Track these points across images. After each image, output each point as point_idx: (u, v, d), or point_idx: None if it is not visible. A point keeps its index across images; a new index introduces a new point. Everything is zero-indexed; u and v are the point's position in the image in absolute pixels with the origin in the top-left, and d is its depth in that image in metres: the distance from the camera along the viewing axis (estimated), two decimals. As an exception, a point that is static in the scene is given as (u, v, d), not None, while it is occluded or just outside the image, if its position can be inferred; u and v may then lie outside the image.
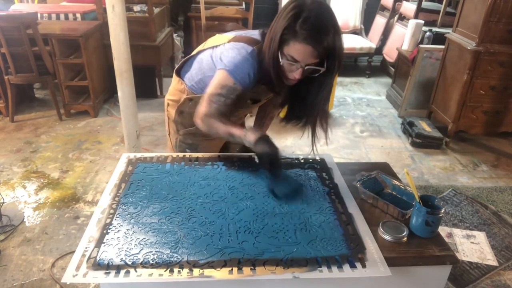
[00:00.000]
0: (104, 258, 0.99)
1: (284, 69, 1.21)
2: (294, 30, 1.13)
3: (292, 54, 1.16)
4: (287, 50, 1.17)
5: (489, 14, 2.85)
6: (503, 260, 2.08)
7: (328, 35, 1.13)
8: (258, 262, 0.99)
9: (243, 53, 1.23)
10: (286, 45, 1.16)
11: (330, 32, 1.13)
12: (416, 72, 3.67)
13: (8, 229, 2.18)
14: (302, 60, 1.17)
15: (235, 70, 1.22)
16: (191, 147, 1.57)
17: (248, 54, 1.23)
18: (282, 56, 1.18)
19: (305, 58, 1.16)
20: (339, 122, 3.71)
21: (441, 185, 2.77)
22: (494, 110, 3.16)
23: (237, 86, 1.24)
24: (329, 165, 1.47)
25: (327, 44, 1.14)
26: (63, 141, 3.18)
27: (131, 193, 1.25)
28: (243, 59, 1.22)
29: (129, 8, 3.94)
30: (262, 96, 1.39)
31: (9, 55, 3.10)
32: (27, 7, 4.16)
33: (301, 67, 1.18)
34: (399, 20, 4.63)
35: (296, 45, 1.14)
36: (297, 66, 1.18)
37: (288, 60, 1.18)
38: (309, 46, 1.13)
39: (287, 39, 1.15)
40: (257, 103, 1.43)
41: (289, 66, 1.19)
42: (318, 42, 1.13)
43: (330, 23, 1.14)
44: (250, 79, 1.25)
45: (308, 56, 1.16)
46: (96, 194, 2.53)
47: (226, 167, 1.41)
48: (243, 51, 1.23)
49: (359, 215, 1.19)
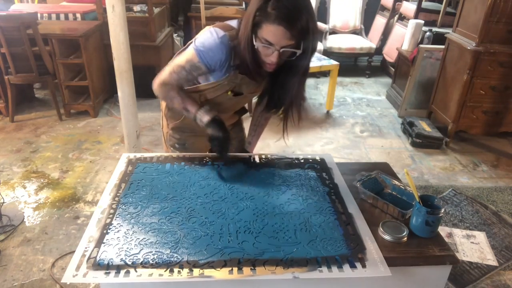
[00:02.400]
0: (104, 258, 0.99)
1: (260, 53, 1.20)
2: (266, 11, 1.11)
3: (265, 36, 1.14)
4: (260, 33, 1.15)
5: (489, 14, 2.85)
6: (503, 260, 2.08)
7: (301, 15, 1.11)
8: (258, 262, 0.99)
9: (214, 37, 1.23)
10: (260, 28, 1.14)
11: (303, 13, 1.11)
12: (416, 72, 3.67)
13: (8, 229, 2.18)
14: (277, 42, 1.15)
15: (202, 50, 1.24)
16: (179, 142, 1.58)
17: (218, 38, 1.23)
18: (256, 39, 1.17)
19: (279, 40, 1.14)
20: (339, 122, 3.71)
21: (441, 185, 2.77)
22: (494, 110, 3.16)
23: (201, 65, 1.25)
24: (329, 165, 1.47)
25: (300, 25, 1.12)
26: (63, 141, 3.18)
27: (131, 193, 1.25)
28: (213, 42, 1.23)
29: (129, 8, 3.94)
30: (244, 88, 1.38)
31: (9, 55, 3.10)
32: (27, 7, 4.16)
33: (276, 50, 1.16)
34: (399, 20, 4.63)
35: (268, 26, 1.13)
36: (272, 50, 1.16)
37: (263, 43, 1.16)
38: (281, 27, 1.11)
39: (259, 21, 1.14)
40: (239, 96, 1.42)
41: (264, 50, 1.17)
42: (290, 23, 1.11)
43: (302, 4, 1.12)
44: (220, 63, 1.25)
45: (282, 38, 1.14)
46: (96, 194, 2.53)
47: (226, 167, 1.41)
48: (214, 35, 1.23)
49: (359, 215, 1.19)
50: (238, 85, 1.36)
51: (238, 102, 1.48)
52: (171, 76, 1.30)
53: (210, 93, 1.37)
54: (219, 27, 1.25)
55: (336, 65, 3.67)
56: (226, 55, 1.24)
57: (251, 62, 1.22)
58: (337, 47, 4.71)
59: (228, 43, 1.23)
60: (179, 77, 1.30)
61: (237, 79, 1.33)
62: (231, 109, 1.52)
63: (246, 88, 1.39)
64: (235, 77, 1.32)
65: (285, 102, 1.37)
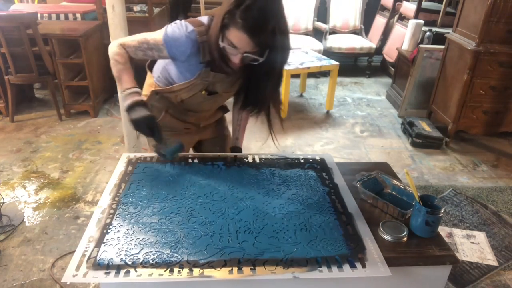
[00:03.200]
0: (104, 258, 0.99)
1: (227, 52, 1.22)
2: (234, 16, 1.13)
3: (231, 39, 1.17)
4: (227, 34, 1.17)
5: (489, 14, 2.85)
6: (503, 260, 2.08)
7: (266, 30, 1.12)
8: (258, 262, 0.99)
9: (182, 30, 1.26)
10: (227, 29, 1.16)
11: (270, 24, 1.12)
12: (416, 72, 3.67)
13: (8, 229, 2.18)
14: (240, 47, 1.17)
15: (169, 37, 1.26)
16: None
17: (186, 32, 1.25)
18: (223, 39, 1.19)
19: (242, 46, 1.16)
20: (339, 122, 3.71)
21: (441, 185, 2.77)
22: (494, 110, 3.16)
23: (163, 49, 1.28)
24: (329, 165, 1.47)
25: (264, 39, 1.14)
26: (63, 141, 3.18)
27: (131, 193, 1.25)
28: (180, 35, 1.25)
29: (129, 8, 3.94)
30: (218, 87, 1.39)
31: (9, 55, 3.10)
32: (27, 7, 4.16)
33: (240, 53, 1.18)
34: (399, 20, 4.63)
35: (234, 31, 1.15)
36: (236, 52, 1.19)
37: (228, 45, 1.18)
38: (246, 36, 1.13)
39: (227, 23, 1.15)
40: (214, 95, 1.43)
41: (230, 50, 1.20)
42: (254, 34, 1.13)
43: (271, 13, 1.12)
44: (185, 55, 1.28)
45: (246, 45, 1.16)
46: (96, 194, 2.53)
47: (226, 167, 1.42)
48: (183, 29, 1.26)
49: (359, 215, 1.19)
50: (212, 84, 1.37)
51: (214, 101, 1.49)
52: (132, 43, 1.31)
53: (185, 93, 1.39)
54: (190, 22, 1.28)
55: (336, 65, 3.67)
56: (191, 49, 1.26)
57: (218, 59, 1.25)
58: (337, 47, 4.72)
59: (195, 38, 1.25)
60: (139, 47, 1.30)
61: (209, 77, 1.34)
62: (208, 108, 1.53)
63: (221, 87, 1.40)
64: (207, 75, 1.33)
65: (259, 103, 1.38)
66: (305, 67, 3.57)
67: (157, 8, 4.07)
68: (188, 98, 1.41)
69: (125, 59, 1.31)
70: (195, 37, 1.25)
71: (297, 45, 4.47)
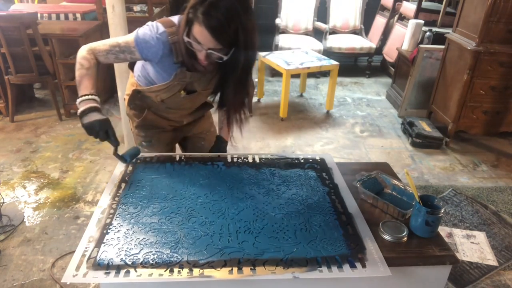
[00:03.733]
0: (104, 258, 0.99)
1: (193, 48, 1.22)
2: (197, 11, 1.14)
3: (195, 35, 1.17)
4: (193, 30, 1.17)
5: (489, 14, 2.85)
6: (503, 260, 2.08)
7: (230, 27, 1.12)
8: (258, 262, 0.99)
9: (153, 31, 1.26)
10: (192, 24, 1.17)
11: (233, 23, 1.12)
12: (416, 72, 3.67)
13: (8, 229, 2.18)
14: (203, 43, 1.17)
15: (141, 39, 1.26)
16: (145, 140, 1.60)
17: (157, 34, 1.26)
18: (189, 34, 1.19)
19: (205, 42, 1.17)
20: (339, 122, 3.71)
21: (441, 185, 2.77)
22: (494, 110, 3.16)
23: (135, 52, 1.28)
24: (329, 165, 1.47)
25: (228, 36, 1.14)
26: (63, 141, 3.18)
27: (131, 193, 1.25)
28: (152, 35, 1.26)
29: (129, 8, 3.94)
30: (196, 86, 1.40)
31: (9, 55, 3.10)
32: (27, 7, 4.16)
33: (204, 50, 1.19)
34: (399, 20, 4.63)
35: (197, 26, 1.15)
36: (200, 48, 1.19)
37: (193, 40, 1.19)
38: (207, 32, 1.14)
39: (192, 18, 1.16)
40: (193, 93, 1.44)
41: (195, 45, 1.20)
42: (217, 32, 1.13)
43: (235, 19, 1.13)
44: (157, 56, 1.28)
45: (208, 41, 1.16)
46: (96, 194, 2.53)
47: (226, 167, 1.42)
48: (154, 30, 1.26)
49: (359, 215, 1.19)
50: (190, 84, 1.38)
51: (194, 100, 1.50)
52: (104, 47, 1.30)
53: (164, 94, 1.39)
54: (161, 23, 1.28)
55: (336, 65, 3.67)
56: (163, 51, 1.27)
57: (185, 55, 1.25)
58: (337, 47, 4.71)
59: (166, 39, 1.26)
60: (110, 50, 1.30)
61: (186, 77, 1.34)
62: (189, 106, 1.54)
63: (199, 86, 1.41)
64: (183, 75, 1.33)
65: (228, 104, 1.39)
66: (305, 67, 3.57)
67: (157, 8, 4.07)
68: (168, 98, 1.42)
69: (90, 64, 1.29)
70: (166, 38, 1.26)
71: (297, 45, 4.47)
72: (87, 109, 1.23)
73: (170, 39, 1.26)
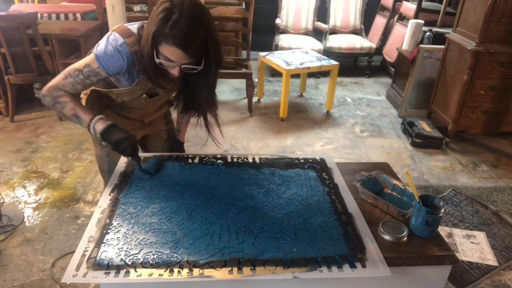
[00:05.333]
0: (104, 258, 0.99)
1: (164, 66, 1.22)
2: (164, 33, 1.13)
3: (165, 54, 1.17)
4: (161, 50, 1.17)
5: (489, 14, 2.85)
6: (503, 260, 2.08)
7: (198, 36, 1.14)
8: (258, 262, 0.99)
9: (113, 44, 1.24)
10: (160, 45, 1.17)
11: (200, 32, 1.14)
12: (416, 72, 3.67)
13: (8, 229, 2.18)
14: (176, 60, 1.18)
15: (102, 56, 1.23)
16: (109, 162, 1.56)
17: (118, 46, 1.23)
18: (158, 55, 1.19)
19: (178, 59, 1.18)
20: (339, 122, 3.71)
21: (441, 185, 2.77)
22: (494, 110, 3.16)
23: (100, 71, 1.25)
24: (329, 165, 1.47)
25: (198, 48, 1.16)
26: (63, 141, 3.18)
27: (131, 193, 1.25)
28: (113, 49, 1.23)
29: (129, 8, 3.94)
30: (158, 89, 1.40)
31: (9, 55, 3.10)
32: (27, 7, 4.16)
33: (177, 66, 1.20)
34: (399, 20, 4.63)
35: (167, 47, 1.15)
36: (173, 65, 1.20)
37: (164, 60, 1.19)
38: (179, 50, 1.14)
39: (159, 40, 1.16)
40: (155, 96, 1.43)
41: (167, 64, 1.20)
42: (187, 47, 1.14)
43: (199, 22, 1.14)
44: (123, 69, 1.26)
45: (181, 58, 1.17)
46: (96, 194, 2.53)
47: (226, 167, 1.42)
48: (114, 43, 1.24)
49: (359, 215, 1.19)
50: (153, 88, 1.38)
51: (157, 101, 1.50)
52: (66, 80, 1.27)
53: (125, 97, 1.39)
54: (118, 33, 1.25)
55: (336, 65, 3.67)
56: (127, 62, 1.25)
57: (154, 74, 1.25)
58: (337, 47, 4.71)
59: (127, 50, 1.24)
60: (75, 81, 1.26)
61: (148, 83, 1.33)
62: (151, 107, 1.54)
63: (161, 90, 1.40)
64: (145, 81, 1.33)
65: (197, 106, 1.39)
66: (305, 67, 3.57)
67: (157, 8, 4.07)
68: (129, 101, 1.41)
69: (68, 96, 1.27)
70: (127, 48, 1.24)
71: (297, 45, 4.47)
72: (108, 127, 1.24)
73: (131, 49, 1.25)
